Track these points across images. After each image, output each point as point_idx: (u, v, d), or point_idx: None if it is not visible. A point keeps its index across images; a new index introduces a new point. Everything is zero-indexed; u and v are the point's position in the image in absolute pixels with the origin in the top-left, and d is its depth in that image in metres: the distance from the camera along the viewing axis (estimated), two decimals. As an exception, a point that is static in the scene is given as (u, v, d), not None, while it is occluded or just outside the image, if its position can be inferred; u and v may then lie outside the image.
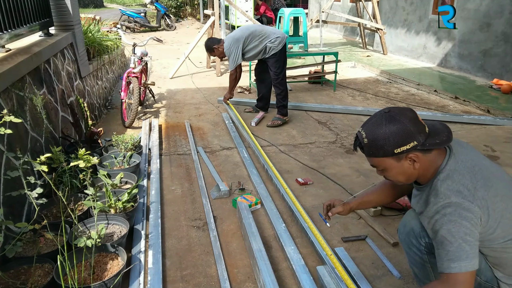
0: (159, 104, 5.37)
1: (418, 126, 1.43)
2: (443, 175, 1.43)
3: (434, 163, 1.47)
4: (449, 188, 1.40)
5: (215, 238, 2.37)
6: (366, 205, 1.94)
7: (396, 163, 1.45)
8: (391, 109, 1.46)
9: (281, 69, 4.43)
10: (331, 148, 3.96)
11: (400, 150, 1.41)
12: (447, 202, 1.37)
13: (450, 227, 1.35)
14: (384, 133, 1.40)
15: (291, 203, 2.70)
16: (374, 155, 1.46)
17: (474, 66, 7.10)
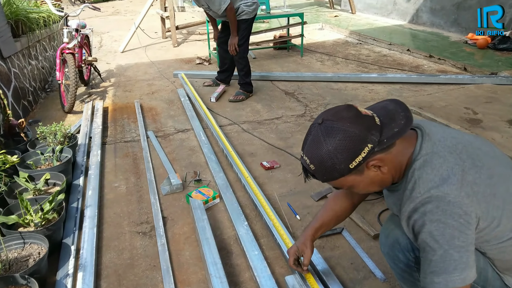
0: (107, 83, 4.79)
1: (364, 123, 1.09)
2: (418, 163, 1.10)
3: (404, 154, 1.14)
4: (428, 178, 1.06)
5: (163, 247, 1.96)
6: (326, 228, 1.61)
7: (359, 177, 1.13)
8: (323, 116, 1.13)
9: (245, 40, 3.96)
10: (299, 122, 3.55)
11: (356, 163, 1.09)
12: (426, 197, 1.05)
13: (431, 230, 1.03)
14: (327, 151, 1.09)
15: (253, 195, 2.30)
16: (330, 179, 1.15)
17: (447, 21, 6.76)
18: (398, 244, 1.28)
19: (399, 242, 1.28)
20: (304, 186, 2.53)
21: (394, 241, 1.29)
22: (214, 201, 2.34)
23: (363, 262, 1.89)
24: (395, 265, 1.32)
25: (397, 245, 1.28)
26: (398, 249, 1.28)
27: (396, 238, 1.28)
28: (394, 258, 1.30)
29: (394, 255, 1.30)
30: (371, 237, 2.05)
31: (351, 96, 4.20)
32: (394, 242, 1.29)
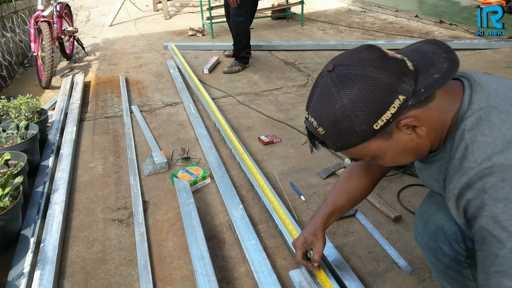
0: (92, 57, 4.41)
1: (392, 67, 0.76)
2: (470, 122, 0.77)
3: (448, 110, 0.81)
4: (486, 140, 0.75)
5: (142, 237, 1.63)
6: (339, 214, 1.29)
7: (386, 143, 0.81)
8: (335, 62, 0.81)
9: (245, 12, 3.52)
10: (301, 93, 3.19)
11: (383, 122, 0.76)
12: (485, 167, 0.73)
13: (495, 212, 0.71)
14: (342, 107, 0.77)
15: (249, 174, 1.96)
16: (346, 146, 0.82)
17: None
18: (442, 233, 0.94)
19: (443, 230, 0.94)
20: (309, 162, 2.18)
21: (436, 229, 0.95)
22: (204, 182, 2.00)
23: (384, 251, 1.56)
24: (437, 260, 0.98)
25: (441, 234, 0.94)
26: (443, 239, 0.94)
27: (440, 224, 0.94)
28: (436, 251, 0.96)
29: (437, 247, 0.96)
30: (391, 220, 1.72)
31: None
32: (436, 230, 0.95)
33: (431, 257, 0.98)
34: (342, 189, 1.30)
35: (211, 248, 1.59)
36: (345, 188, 1.30)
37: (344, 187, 1.30)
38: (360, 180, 1.28)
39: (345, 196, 1.29)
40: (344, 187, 1.30)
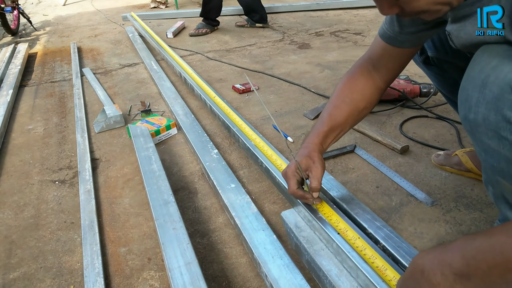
0: (41, 32, 3.94)
1: None
2: None
3: None
4: None
5: (88, 195, 1.26)
6: (339, 133, 1.00)
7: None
8: None
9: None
10: (278, 46, 2.86)
11: None
12: None
13: None
14: None
15: (225, 117, 1.61)
16: None
17: None
18: (510, 93, 0.61)
19: None
20: (294, 105, 1.86)
21: (501, 90, 0.61)
22: (169, 132, 1.64)
23: (394, 184, 1.25)
24: (499, 143, 0.64)
25: (508, 95, 0.61)
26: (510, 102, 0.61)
27: (507, 81, 0.60)
28: (499, 125, 0.63)
29: (501, 120, 0.62)
30: (397, 152, 1.41)
31: (334, 21, 3.53)
32: (501, 91, 0.61)
33: (488, 139, 0.65)
34: (341, 99, 0.99)
35: (180, 201, 1.25)
36: (345, 97, 0.99)
37: (344, 96, 0.99)
38: (364, 84, 0.98)
39: (346, 109, 0.98)
40: (344, 96, 0.99)
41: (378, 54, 0.96)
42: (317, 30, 3.23)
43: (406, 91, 1.72)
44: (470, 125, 0.67)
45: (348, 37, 2.96)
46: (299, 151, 0.98)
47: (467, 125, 0.68)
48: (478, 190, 1.20)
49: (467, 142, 1.45)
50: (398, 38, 0.89)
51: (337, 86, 1.02)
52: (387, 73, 0.97)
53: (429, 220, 1.10)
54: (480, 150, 0.68)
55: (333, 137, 0.99)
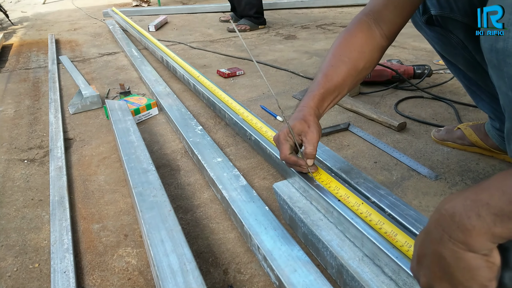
0: (18, 26, 3.79)
1: None
2: None
3: None
4: None
5: (59, 172, 1.14)
6: (336, 95, 0.90)
7: None
8: None
9: None
10: (263, 37, 2.78)
11: None
12: None
13: None
14: None
15: (208, 93, 1.51)
16: None
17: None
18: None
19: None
20: (282, 88, 1.77)
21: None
22: (150, 112, 1.53)
23: (394, 159, 1.17)
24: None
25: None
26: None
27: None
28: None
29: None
30: (393, 130, 1.33)
31: (319, 17, 3.49)
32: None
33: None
34: (337, 58, 0.90)
35: (161, 177, 1.13)
36: (342, 55, 0.90)
37: (341, 53, 0.90)
38: (363, 41, 0.89)
39: (343, 68, 0.89)
40: (341, 54, 0.90)
41: (381, 4, 0.87)
42: (302, 24, 3.17)
43: (400, 71, 1.65)
44: (497, 56, 0.58)
45: (335, 29, 2.91)
46: (293, 114, 0.89)
47: (494, 57, 0.59)
48: (484, 164, 1.12)
49: (467, 120, 1.38)
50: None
51: (333, 44, 0.94)
52: (390, 27, 0.89)
53: (434, 193, 1.02)
54: (507, 90, 0.60)
55: (330, 100, 0.90)
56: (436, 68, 1.87)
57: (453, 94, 1.60)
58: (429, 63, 1.95)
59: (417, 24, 1.08)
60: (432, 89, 1.65)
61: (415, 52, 2.17)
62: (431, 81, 1.72)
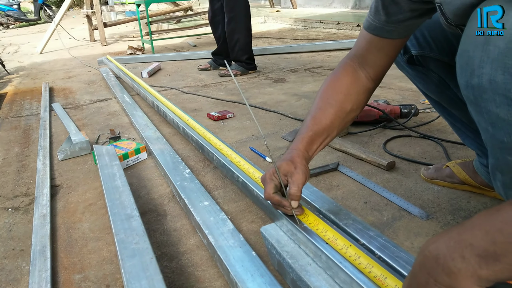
0: (14, 75, 3.85)
1: None
2: None
3: None
4: None
5: (42, 220, 1.11)
6: (325, 138, 0.91)
7: None
8: None
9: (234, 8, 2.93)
10: (253, 81, 2.84)
11: None
12: None
13: None
14: None
15: (197, 135, 1.51)
16: None
17: None
18: None
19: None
20: (272, 129, 1.78)
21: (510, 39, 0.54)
22: (139, 156, 1.52)
23: (384, 199, 1.15)
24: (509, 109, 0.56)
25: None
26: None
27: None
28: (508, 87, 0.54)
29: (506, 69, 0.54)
30: (383, 169, 1.33)
31: (308, 61, 3.58)
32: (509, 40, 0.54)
33: (497, 107, 0.56)
34: (325, 101, 0.92)
35: (147, 223, 1.11)
36: (329, 98, 0.92)
37: (328, 96, 0.92)
38: (349, 84, 0.92)
39: (331, 110, 0.90)
40: (328, 97, 0.92)
41: (364, 49, 0.90)
42: (291, 68, 3.24)
43: (387, 111, 1.67)
44: (473, 92, 0.58)
45: (323, 72, 2.97)
46: (283, 156, 0.89)
47: (470, 93, 0.59)
48: (475, 202, 1.11)
49: (456, 157, 1.38)
50: (385, 27, 0.83)
51: (320, 88, 0.95)
52: (375, 70, 0.91)
53: (426, 234, 1.00)
54: (486, 125, 0.60)
55: (319, 143, 0.91)
56: (423, 107, 1.90)
57: (440, 132, 1.61)
58: (415, 103, 1.99)
59: (399, 64, 1.11)
60: (420, 127, 1.66)
61: (402, 92, 2.21)
62: (418, 120, 1.74)
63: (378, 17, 0.83)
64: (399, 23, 0.82)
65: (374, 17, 0.84)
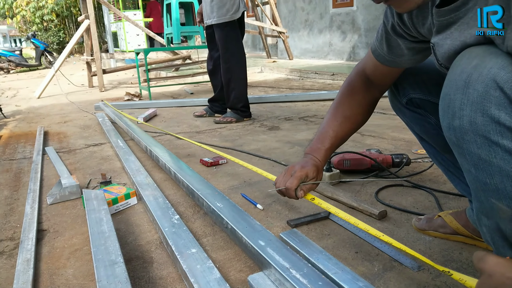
0: (10, 119, 3.88)
1: None
2: None
3: None
4: None
5: (26, 265, 1.08)
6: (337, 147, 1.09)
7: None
8: None
9: (229, 50, 3.00)
10: (248, 128, 2.88)
11: None
12: None
13: None
14: None
15: (189, 182, 1.51)
16: None
17: (385, 51, 6.73)
18: (496, 88, 0.56)
19: (497, 82, 0.56)
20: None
21: (486, 87, 0.56)
22: (128, 201, 1.51)
23: (375, 249, 1.14)
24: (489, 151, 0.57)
25: (494, 91, 0.56)
26: (498, 99, 0.56)
27: (490, 77, 0.56)
28: (487, 129, 0.56)
29: (488, 121, 0.56)
30: (374, 218, 1.32)
31: (302, 110, 3.65)
32: (486, 88, 0.56)
33: (478, 148, 0.57)
34: (342, 115, 1.04)
35: (132, 271, 1.08)
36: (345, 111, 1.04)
37: (344, 110, 1.05)
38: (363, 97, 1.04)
39: (347, 124, 1.04)
40: (344, 111, 1.05)
41: (371, 69, 1.00)
42: (286, 116, 3.30)
43: (379, 160, 1.69)
44: (455, 134, 0.60)
45: (317, 120, 3.03)
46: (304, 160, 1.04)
47: (452, 135, 0.61)
48: (467, 253, 1.10)
49: (448, 208, 1.38)
50: (386, 57, 0.92)
51: (338, 96, 1.07)
52: (381, 86, 1.03)
53: (417, 285, 0.98)
54: (469, 167, 0.61)
55: (331, 153, 1.06)
56: (415, 157, 1.92)
57: (433, 182, 1.62)
58: (407, 152, 2.01)
59: (397, 107, 1.15)
60: (412, 177, 1.67)
61: (394, 142, 2.25)
62: (411, 170, 1.75)
63: (381, 46, 0.91)
64: (400, 57, 0.89)
65: (379, 44, 0.92)
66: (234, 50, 3.01)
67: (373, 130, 2.52)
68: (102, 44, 14.16)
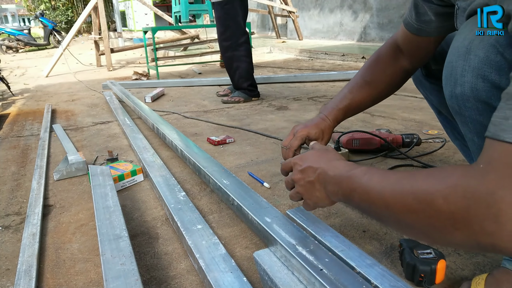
0: (18, 97, 3.89)
1: None
2: None
3: None
4: None
5: (32, 239, 1.08)
6: (354, 111, 1.05)
7: None
8: None
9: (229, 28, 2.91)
10: (256, 108, 2.85)
11: None
12: None
13: None
14: None
15: (197, 163, 1.49)
16: None
17: (397, 31, 6.59)
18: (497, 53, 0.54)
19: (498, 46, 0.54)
20: (271, 155, 1.76)
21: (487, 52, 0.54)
22: (135, 178, 1.50)
23: (383, 228, 1.12)
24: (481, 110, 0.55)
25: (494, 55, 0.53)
26: (497, 62, 0.54)
27: (491, 42, 0.54)
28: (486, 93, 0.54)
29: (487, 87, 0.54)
30: (383, 198, 1.29)
31: (311, 90, 3.60)
32: (487, 53, 0.54)
33: (480, 115, 0.55)
34: (363, 78, 1.01)
35: (137, 246, 1.08)
36: (366, 76, 1.00)
37: (368, 74, 1.01)
38: (389, 66, 0.99)
39: (366, 89, 1.00)
40: (367, 75, 1.00)
41: (401, 39, 0.96)
42: (295, 97, 3.26)
43: (389, 140, 1.66)
44: (457, 102, 0.58)
45: (326, 101, 2.98)
46: (313, 119, 1.02)
47: (455, 103, 0.59)
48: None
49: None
50: (415, 25, 0.90)
51: (365, 63, 1.03)
52: (413, 58, 0.97)
53: (424, 264, 0.95)
54: (472, 136, 0.59)
55: (347, 115, 1.03)
56: (425, 137, 1.88)
57: (443, 162, 1.59)
58: (418, 133, 1.97)
59: (417, 79, 1.12)
60: (422, 157, 1.64)
61: (404, 123, 2.21)
62: (421, 150, 1.72)
63: (410, 14, 0.89)
64: (428, 24, 0.86)
65: (409, 12, 0.91)
66: (234, 28, 2.95)
67: (383, 111, 2.47)
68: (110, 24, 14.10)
